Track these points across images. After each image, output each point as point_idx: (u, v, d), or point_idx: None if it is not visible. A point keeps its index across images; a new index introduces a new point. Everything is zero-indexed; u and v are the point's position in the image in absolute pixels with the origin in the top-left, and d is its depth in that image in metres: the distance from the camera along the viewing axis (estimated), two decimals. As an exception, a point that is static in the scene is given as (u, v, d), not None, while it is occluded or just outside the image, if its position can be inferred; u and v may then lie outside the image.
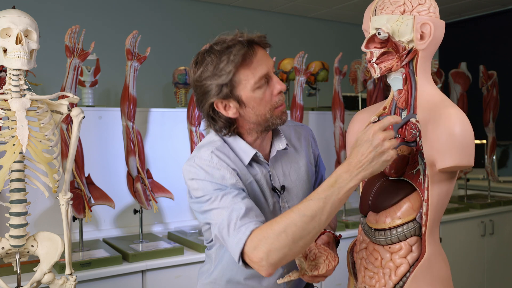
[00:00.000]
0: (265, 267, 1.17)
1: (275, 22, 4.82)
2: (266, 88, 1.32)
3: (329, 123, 3.41)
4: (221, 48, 1.29)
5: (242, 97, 1.31)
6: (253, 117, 1.34)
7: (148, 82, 3.96)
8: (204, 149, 1.37)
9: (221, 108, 1.33)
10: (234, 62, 1.27)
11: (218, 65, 1.28)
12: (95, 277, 2.17)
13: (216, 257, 1.48)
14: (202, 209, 1.31)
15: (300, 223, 1.14)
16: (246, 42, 1.30)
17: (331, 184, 1.15)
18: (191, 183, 1.35)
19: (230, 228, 1.22)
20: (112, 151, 2.76)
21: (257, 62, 1.29)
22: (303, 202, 1.17)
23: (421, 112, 1.25)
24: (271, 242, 1.15)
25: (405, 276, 1.28)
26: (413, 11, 1.24)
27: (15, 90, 1.53)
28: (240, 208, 1.24)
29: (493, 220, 3.62)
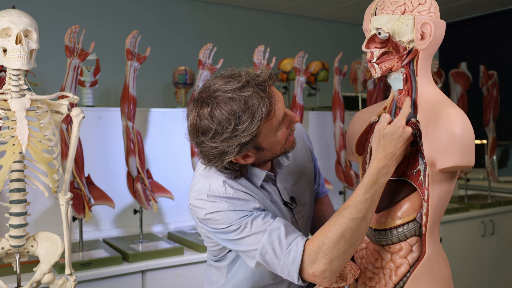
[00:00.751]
0: (328, 278, 1.18)
1: (275, 22, 4.82)
2: (283, 125, 1.26)
3: (329, 123, 3.41)
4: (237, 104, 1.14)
5: (262, 145, 1.24)
6: (269, 156, 1.30)
7: (148, 82, 3.96)
8: (214, 180, 1.28)
9: (240, 160, 1.24)
10: (259, 120, 1.15)
11: (238, 126, 1.15)
12: (95, 277, 2.17)
13: (228, 271, 1.43)
14: (229, 238, 1.25)
15: (355, 227, 1.17)
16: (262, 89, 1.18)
17: (373, 182, 1.20)
18: (210, 216, 1.25)
19: (276, 250, 1.19)
20: (112, 151, 2.76)
21: (277, 109, 1.20)
22: (352, 206, 1.18)
23: (421, 112, 1.25)
24: (330, 251, 1.16)
25: (405, 276, 1.28)
26: (414, 11, 1.24)
27: (15, 90, 1.53)
28: (278, 228, 1.21)
29: (494, 220, 3.62)
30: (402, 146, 1.22)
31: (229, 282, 1.44)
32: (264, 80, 1.19)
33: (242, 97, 1.15)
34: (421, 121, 1.24)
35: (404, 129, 1.22)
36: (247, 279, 1.41)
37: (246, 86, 1.16)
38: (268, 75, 1.21)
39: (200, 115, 1.18)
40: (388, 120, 1.26)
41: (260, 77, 1.19)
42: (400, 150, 1.22)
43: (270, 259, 1.20)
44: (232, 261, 1.42)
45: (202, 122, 1.18)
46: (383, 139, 1.23)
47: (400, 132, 1.22)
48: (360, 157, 1.46)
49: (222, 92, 1.16)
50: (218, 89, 1.17)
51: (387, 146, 1.22)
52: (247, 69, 1.22)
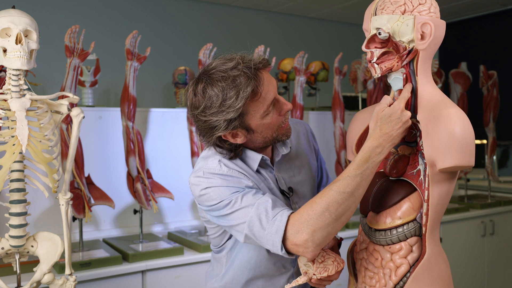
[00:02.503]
0: (310, 248, 1.19)
1: (275, 22, 4.82)
2: (274, 110, 1.32)
3: (329, 123, 3.41)
4: (226, 82, 1.24)
5: (251, 125, 1.31)
6: (260, 139, 1.36)
7: (148, 82, 3.96)
8: (211, 159, 1.36)
9: (229, 137, 1.32)
10: (244, 97, 1.24)
11: (225, 102, 1.24)
12: (95, 277, 2.17)
13: (227, 261, 1.47)
14: (221, 214, 1.29)
15: (341, 200, 1.19)
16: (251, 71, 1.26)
17: (365, 159, 1.21)
18: (204, 192, 1.31)
19: (262, 222, 1.23)
20: (112, 151, 2.76)
21: (264, 91, 1.28)
22: (340, 180, 1.20)
23: (421, 112, 1.25)
24: (314, 222, 1.18)
25: (405, 276, 1.28)
26: (414, 11, 1.24)
27: (15, 90, 1.53)
28: (266, 201, 1.25)
29: (494, 220, 3.62)
30: (399, 128, 1.23)
31: (227, 272, 1.47)
32: (255, 64, 1.28)
33: (230, 76, 1.25)
34: (421, 121, 1.24)
35: (403, 112, 1.23)
36: (243, 266, 1.44)
37: (236, 67, 1.26)
38: (260, 59, 1.30)
39: (195, 91, 1.29)
40: (389, 102, 1.28)
41: (252, 61, 1.28)
42: (397, 132, 1.23)
43: (257, 230, 1.24)
44: (230, 249, 1.45)
45: (196, 97, 1.29)
46: (380, 120, 1.24)
47: (398, 114, 1.23)
48: (360, 157, 1.45)
49: (216, 71, 1.27)
50: (213, 67, 1.28)
51: (384, 127, 1.23)
52: (244, 54, 1.31)
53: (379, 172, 1.40)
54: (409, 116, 1.24)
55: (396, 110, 1.23)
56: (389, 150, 1.24)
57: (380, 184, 1.36)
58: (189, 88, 1.32)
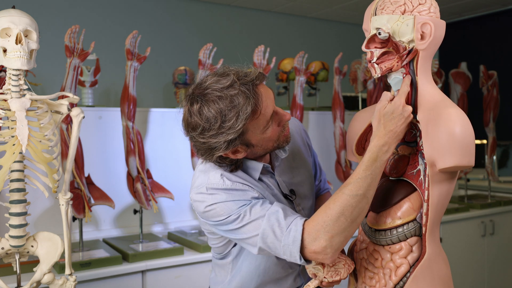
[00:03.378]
0: (330, 254, 1.19)
1: (275, 22, 4.82)
2: (273, 123, 1.29)
3: (329, 123, 3.41)
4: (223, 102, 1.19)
5: (251, 141, 1.28)
6: (261, 151, 1.34)
7: (148, 82, 3.96)
8: (212, 173, 1.32)
9: (230, 154, 1.28)
10: (244, 118, 1.20)
11: (224, 123, 1.20)
12: (95, 277, 2.17)
13: (233, 267, 1.45)
14: (230, 228, 1.27)
15: (355, 203, 1.18)
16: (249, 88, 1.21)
17: (373, 159, 1.21)
18: (210, 209, 1.28)
19: (276, 233, 1.21)
20: (112, 151, 2.76)
21: (264, 108, 1.24)
22: (352, 183, 1.20)
23: (421, 112, 1.25)
24: (331, 228, 1.17)
25: (405, 276, 1.28)
26: (414, 11, 1.24)
27: (15, 90, 1.53)
28: (276, 211, 1.23)
29: (494, 220, 3.62)
30: (402, 124, 1.23)
31: (234, 278, 1.45)
32: (251, 79, 1.23)
33: (228, 96, 1.20)
34: (421, 121, 1.24)
35: (404, 107, 1.23)
36: (252, 273, 1.42)
37: (233, 85, 1.21)
38: (256, 74, 1.25)
39: (191, 111, 1.24)
40: (389, 99, 1.28)
41: (248, 77, 1.23)
42: (401, 128, 1.23)
43: (272, 242, 1.22)
44: (236, 256, 1.43)
45: (192, 118, 1.24)
46: (383, 118, 1.24)
47: (400, 110, 1.23)
48: (360, 157, 1.46)
49: (211, 90, 1.22)
50: (208, 86, 1.23)
51: (388, 124, 1.23)
52: (238, 69, 1.26)
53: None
54: (411, 110, 1.24)
55: (397, 106, 1.23)
56: (394, 147, 1.24)
57: (380, 184, 1.36)
58: (184, 107, 1.28)
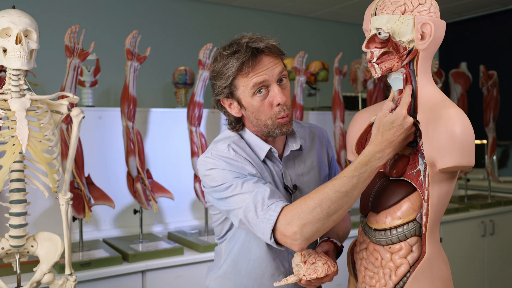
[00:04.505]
0: (298, 241, 1.21)
1: (275, 22, 4.82)
2: (266, 97, 1.36)
3: (329, 123, 3.41)
4: (229, 51, 1.35)
5: (241, 101, 1.38)
6: (254, 121, 1.41)
7: (148, 82, 3.96)
8: (221, 142, 1.42)
9: (226, 105, 1.42)
10: (233, 68, 1.33)
11: (222, 68, 1.36)
12: (95, 277, 2.17)
13: (225, 251, 1.50)
14: (221, 197, 1.34)
15: (334, 198, 1.20)
16: (252, 49, 1.33)
17: (364, 163, 1.22)
18: (209, 173, 1.37)
19: (257, 209, 1.25)
20: (112, 151, 2.76)
21: (254, 71, 1.33)
22: (337, 179, 1.22)
23: (421, 112, 1.25)
24: (305, 216, 1.20)
25: (405, 276, 1.28)
26: (414, 11, 1.24)
27: (15, 90, 1.53)
28: (264, 190, 1.28)
29: (494, 220, 3.62)
30: (400, 135, 1.23)
31: (226, 261, 1.50)
32: (259, 44, 1.34)
33: (232, 50, 1.35)
34: (421, 121, 1.24)
35: (405, 118, 1.24)
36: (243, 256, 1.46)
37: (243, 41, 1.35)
38: (268, 44, 1.36)
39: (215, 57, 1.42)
40: (391, 108, 1.28)
41: (256, 42, 1.35)
42: (399, 139, 1.24)
43: (251, 217, 1.26)
44: (229, 239, 1.49)
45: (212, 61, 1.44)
46: (382, 127, 1.25)
47: (400, 121, 1.23)
48: (360, 157, 1.45)
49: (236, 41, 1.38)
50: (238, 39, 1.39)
51: (386, 133, 1.24)
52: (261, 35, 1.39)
53: (379, 172, 1.40)
54: (411, 122, 1.24)
55: (398, 117, 1.24)
56: (390, 156, 1.25)
57: (380, 184, 1.36)
58: None
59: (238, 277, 1.48)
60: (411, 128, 1.25)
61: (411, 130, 1.25)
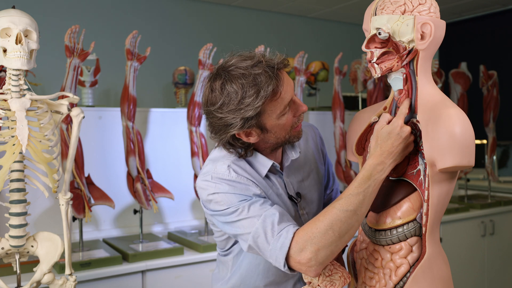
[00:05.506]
0: (314, 267, 1.19)
1: (275, 22, 4.82)
2: (290, 111, 1.30)
3: (329, 123, 3.41)
4: (246, 79, 1.21)
5: (266, 125, 1.29)
6: (273, 140, 1.33)
7: (148, 82, 3.96)
8: (220, 163, 1.33)
9: (243, 136, 1.29)
10: (264, 96, 1.21)
11: (244, 99, 1.21)
12: (95, 277, 2.17)
13: (233, 264, 1.46)
14: (227, 221, 1.28)
15: (344, 219, 1.18)
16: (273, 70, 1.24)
17: (367, 177, 1.21)
18: (212, 197, 1.30)
19: (267, 235, 1.21)
20: (112, 151, 2.76)
21: (284, 91, 1.25)
22: (343, 198, 1.20)
23: (421, 112, 1.25)
24: (318, 241, 1.17)
25: (405, 276, 1.28)
26: (414, 11, 1.24)
27: (15, 90, 1.53)
28: (273, 214, 1.23)
29: (494, 220, 3.62)
30: (399, 144, 1.23)
31: (234, 275, 1.46)
32: (276, 63, 1.25)
33: (251, 74, 1.22)
34: (421, 121, 1.24)
35: (402, 128, 1.23)
36: (251, 271, 1.43)
37: (257, 65, 1.23)
38: (281, 59, 1.27)
39: (212, 87, 1.26)
40: (388, 119, 1.28)
41: (273, 60, 1.26)
42: (398, 149, 1.23)
43: (261, 243, 1.22)
44: (237, 254, 1.44)
45: (213, 93, 1.26)
46: (380, 138, 1.25)
47: (397, 131, 1.23)
48: (360, 157, 1.46)
49: (235, 67, 1.24)
50: (232, 64, 1.25)
51: (384, 145, 1.24)
52: (264, 53, 1.29)
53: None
54: (409, 131, 1.24)
55: (395, 127, 1.23)
56: (392, 167, 1.24)
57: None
58: (206, 84, 1.30)
59: None
60: (410, 137, 1.25)
61: (410, 139, 1.25)
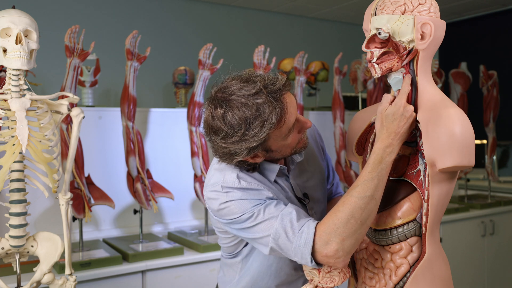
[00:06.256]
0: (342, 258, 1.19)
1: (275, 22, 4.82)
2: (294, 130, 1.29)
3: (329, 123, 3.41)
4: (249, 111, 1.18)
5: (272, 148, 1.28)
6: (278, 156, 1.33)
7: (148, 82, 3.96)
8: (228, 173, 1.31)
9: (249, 159, 1.28)
10: (268, 128, 1.19)
11: (247, 131, 1.19)
12: (95, 277, 2.17)
13: (242, 267, 1.45)
14: (243, 227, 1.27)
15: (364, 205, 1.19)
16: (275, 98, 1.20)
17: (378, 161, 1.22)
18: (224, 206, 1.28)
19: (288, 234, 1.21)
20: (112, 151, 2.76)
21: (288, 117, 1.23)
22: (359, 185, 1.20)
23: (421, 112, 1.25)
24: (341, 231, 1.17)
25: (405, 276, 1.28)
26: (414, 11, 1.24)
27: (15, 90, 1.53)
28: (290, 212, 1.23)
29: (494, 220, 3.62)
30: (404, 124, 1.23)
31: (244, 277, 1.45)
32: (278, 88, 1.22)
33: (254, 104, 1.18)
34: (421, 121, 1.24)
35: (406, 107, 1.23)
36: (263, 273, 1.42)
37: (259, 93, 1.19)
38: (283, 83, 1.24)
39: (214, 115, 1.22)
40: (390, 100, 1.28)
41: (274, 85, 1.22)
42: (403, 129, 1.23)
43: (283, 243, 1.21)
44: (246, 255, 1.43)
45: (214, 122, 1.22)
46: (385, 120, 1.25)
47: (401, 111, 1.23)
48: (360, 157, 1.46)
49: (237, 96, 1.20)
50: (233, 92, 1.21)
51: (390, 126, 1.24)
52: (264, 75, 1.25)
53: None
54: (412, 110, 1.24)
55: (398, 107, 1.24)
56: (399, 147, 1.25)
57: (380, 184, 1.36)
58: (207, 110, 1.25)
59: None
60: (413, 116, 1.24)
61: (413, 118, 1.25)
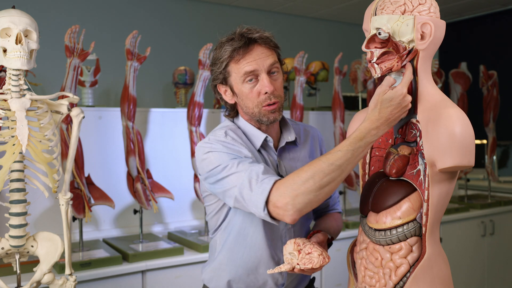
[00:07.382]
0: (290, 212, 1.22)
1: (275, 22, 4.82)
2: (255, 86, 1.42)
3: (329, 123, 3.41)
4: (226, 39, 1.44)
5: (233, 87, 1.46)
6: (244, 108, 1.47)
7: (148, 82, 3.96)
8: (218, 130, 1.48)
9: (222, 91, 1.50)
10: (226, 55, 1.42)
11: (217, 55, 1.45)
12: (95, 277, 2.17)
13: (220, 242, 1.52)
14: (217, 179, 1.36)
15: (328, 171, 1.22)
16: (246, 38, 1.40)
17: (360, 138, 1.23)
18: (206, 156, 1.39)
19: (252, 184, 1.27)
20: (112, 151, 2.76)
21: (245, 59, 1.40)
22: (331, 153, 1.23)
23: (421, 112, 1.25)
24: (297, 187, 1.21)
25: (405, 276, 1.28)
26: (414, 11, 1.24)
27: (15, 90, 1.53)
28: (259, 167, 1.30)
29: (493, 220, 3.62)
30: (397, 113, 1.24)
31: (221, 251, 1.52)
32: (251, 34, 1.41)
33: (228, 38, 1.44)
34: (421, 121, 1.24)
35: (405, 97, 1.23)
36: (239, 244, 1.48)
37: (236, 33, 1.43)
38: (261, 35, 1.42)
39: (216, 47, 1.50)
40: (391, 83, 1.27)
41: (250, 33, 1.42)
42: (395, 117, 1.24)
43: (246, 193, 1.28)
44: (224, 230, 1.51)
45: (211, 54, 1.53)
46: (380, 104, 1.24)
47: (399, 100, 1.23)
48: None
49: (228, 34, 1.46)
50: None
51: (383, 111, 1.24)
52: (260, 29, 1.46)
53: (379, 172, 1.40)
54: (410, 100, 1.24)
55: (398, 95, 1.23)
56: (384, 133, 1.26)
57: (380, 184, 1.36)
58: None
59: (233, 267, 1.50)
60: (409, 106, 1.25)
61: (408, 108, 1.25)
